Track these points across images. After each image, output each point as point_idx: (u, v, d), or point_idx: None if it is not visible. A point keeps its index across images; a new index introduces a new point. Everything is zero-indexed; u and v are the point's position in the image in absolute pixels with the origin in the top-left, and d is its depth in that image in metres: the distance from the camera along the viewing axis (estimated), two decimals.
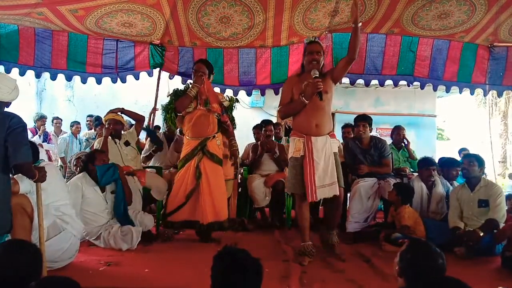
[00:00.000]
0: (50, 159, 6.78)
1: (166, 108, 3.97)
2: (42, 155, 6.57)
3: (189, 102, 3.76)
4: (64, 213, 2.89)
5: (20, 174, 2.64)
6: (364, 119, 4.31)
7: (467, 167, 3.58)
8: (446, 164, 4.36)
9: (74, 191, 3.40)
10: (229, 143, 4.04)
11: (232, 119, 4.08)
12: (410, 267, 1.76)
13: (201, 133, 3.77)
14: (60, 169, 6.35)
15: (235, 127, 4.16)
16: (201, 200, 3.68)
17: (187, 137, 3.86)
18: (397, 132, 5.29)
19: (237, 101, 4.17)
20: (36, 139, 6.73)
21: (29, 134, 6.57)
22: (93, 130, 6.69)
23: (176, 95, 3.90)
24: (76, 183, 3.44)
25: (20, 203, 2.58)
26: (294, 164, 3.29)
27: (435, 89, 5.17)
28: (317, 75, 3.13)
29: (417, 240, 1.97)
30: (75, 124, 6.83)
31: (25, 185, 2.62)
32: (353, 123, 4.61)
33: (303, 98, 3.16)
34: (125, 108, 4.60)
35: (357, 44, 3.13)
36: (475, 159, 3.59)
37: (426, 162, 4.12)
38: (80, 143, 6.83)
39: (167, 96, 4.00)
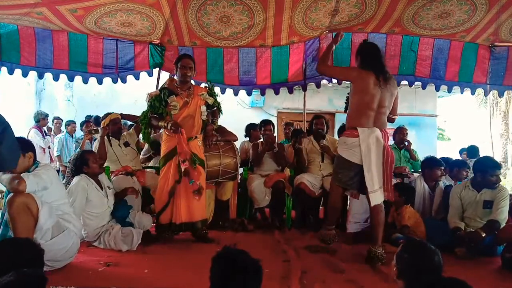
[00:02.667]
0: (51, 159, 6.82)
1: (142, 122, 3.92)
2: (46, 156, 6.60)
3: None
4: (65, 212, 2.88)
5: (25, 173, 2.64)
6: None
7: (498, 178, 3.54)
8: (457, 165, 4.36)
9: (81, 194, 3.35)
10: (210, 121, 3.92)
11: (218, 104, 3.97)
12: (408, 267, 1.76)
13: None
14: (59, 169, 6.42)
15: (221, 114, 4.07)
16: (177, 199, 3.64)
17: (167, 133, 3.74)
18: (400, 132, 5.29)
19: (212, 86, 4.00)
20: (49, 139, 6.80)
21: (35, 136, 6.58)
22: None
23: (152, 106, 3.76)
24: (84, 186, 3.38)
25: (25, 202, 2.55)
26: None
27: (437, 89, 5.16)
28: None
29: (411, 240, 1.96)
30: (71, 123, 6.96)
31: (31, 184, 2.59)
32: None
33: None
34: (123, 113, 4.66)
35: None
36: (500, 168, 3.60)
37: (435, 162, 4.07)
38: (77, 142, 6.88)
39: (146, 100, 3.86)
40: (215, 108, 3.96)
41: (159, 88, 3.86)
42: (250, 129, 5.41)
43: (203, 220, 3.78)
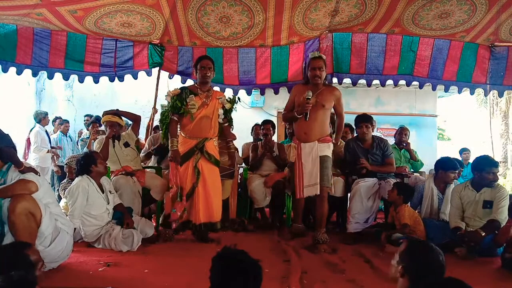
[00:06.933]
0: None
1: (163, 122, 3.86)
2: (49, 155, 6.60)
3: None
4: (54, 212, 2.80)
5: (30, 173, 2.59)
6: (366, 120, 4.27)
7: (495, 176, 3.51)
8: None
9: (82, 194, 3.34)
10: (226, 144, 3.97)
11: (230, 120, 3.98)
12: (414, 265, 1.75)
13: (201, 134, 3.70)
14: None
15: (232, 128, 4.09)
16: (195, 200, 3.65)
17: (183, 135, 3.75)
18: (400, 132, 5.29)
19: (239, 100, 4.02)
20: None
21: (40, 133, 6.56)
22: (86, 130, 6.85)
23: (173, 107, 3.69)
24: (84, 186, 3.38)
25: (27, 207, 2.48)
26: (290, 167, 3.95)
27: (434, 89, 5.17)
28: (309, 97, 3.58)
29: (416, 239, 1.96)
30: (64, 123, 7.11)
31: (37, 181, 2.55)
32: (351, 123, 4.59)
33: (296, 113, 3.72)
34: (120, 110, 4.62)
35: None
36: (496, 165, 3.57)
37: (451, 166, 3.96)
38: (72, 140, 6.99)
39: (166, 99, 3.83)
40: (227, 124, 3.94)
41: (180, 87, 3.85)
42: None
43: (222, 220, 3.82)
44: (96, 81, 4.87)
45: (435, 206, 3.94)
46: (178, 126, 3.79)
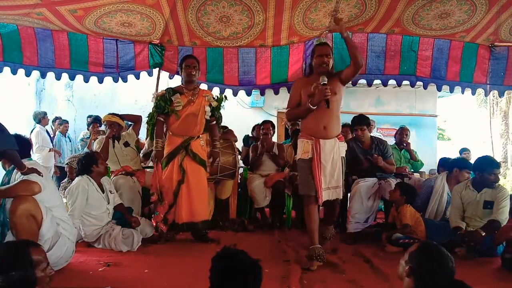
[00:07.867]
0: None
1: (149, 123, 3.91)
2: (50, 154, 6.61)
3: None
4: (58, 217, 2.78)
5: (33, 174, 2.57)
6: (360, 123, 4.26)
7: (497, 177, 3.52)
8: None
9: (81, 194, 3.34)
10: (211, 143, 3.91)
11: (219, 118, 3.96)
12: (422, 268, 1.74)
13: (187, 132, 3.69)
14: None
15: (219, 125, 4.06)
16: (178, 199, 3.64)
17: (170, 133, 3.74)
18: (400, 132, 5.29)
19: (226, 98, 4.00)
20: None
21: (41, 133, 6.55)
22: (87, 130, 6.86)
23: (157, 106, 3.72)
24: (84, 186, 3.38)
25: (28, 209, 2.46)
26: (302, 165, 3.24)
27: (439, 89, 5.14)
28: (325, 82, 3.06)
29: (430, 243, 1.95)
30: (64, 123, 7.14)
31: (40, 182, 2.53)
32: (351, 123, 4.59)
33: (310, 104, 3.12)
34: (121, 113, 4.65)
35: (356, 53, 3.08)
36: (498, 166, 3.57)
37: (467, 165, 4.01)
38: (70, 141, 7.00)
39: (152, 101, 3.85)
40: (215, 122, 3.93)
41: (165, 89, 3.86)
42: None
43: (205, 221, 3.76)
44: (100, 81, 4.89)
45: (442, 203, 3.95)
46: (165, 127, 3.80)
